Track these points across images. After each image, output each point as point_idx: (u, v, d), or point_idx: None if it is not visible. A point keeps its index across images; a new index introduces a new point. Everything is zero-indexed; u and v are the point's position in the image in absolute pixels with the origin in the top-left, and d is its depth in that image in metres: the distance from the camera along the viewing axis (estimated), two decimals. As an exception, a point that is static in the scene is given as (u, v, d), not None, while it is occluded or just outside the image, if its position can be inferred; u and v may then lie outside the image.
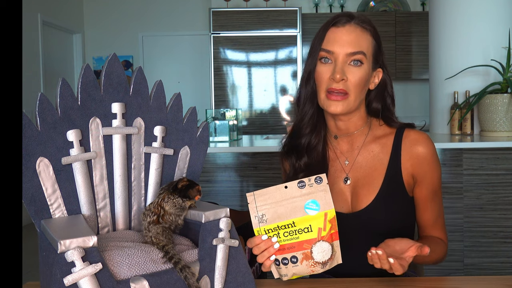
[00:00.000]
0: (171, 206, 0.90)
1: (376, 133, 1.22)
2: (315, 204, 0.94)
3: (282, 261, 0.95)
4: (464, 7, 3.20)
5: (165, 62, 6.65)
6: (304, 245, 0.94)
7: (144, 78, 0.97)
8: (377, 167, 1.19)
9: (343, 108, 1.13)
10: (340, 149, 1.23)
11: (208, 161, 2.80)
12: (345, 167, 1.21)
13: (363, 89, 1.16)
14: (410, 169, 1.17)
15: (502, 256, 2.67)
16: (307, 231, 0.94)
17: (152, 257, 0.85)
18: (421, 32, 5.60)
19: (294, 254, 0.94)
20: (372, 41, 1.16)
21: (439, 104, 3.36)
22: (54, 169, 0.87)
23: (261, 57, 5.61)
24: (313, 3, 5.94)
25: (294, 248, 0.94)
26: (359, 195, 1.18)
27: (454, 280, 1.15)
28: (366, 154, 1.21)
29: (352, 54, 1.12)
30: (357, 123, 1.21)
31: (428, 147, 1.17)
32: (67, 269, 0.75)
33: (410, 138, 1.18)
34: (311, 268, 0.95)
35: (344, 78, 1.11)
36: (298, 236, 0.94)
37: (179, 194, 0.91)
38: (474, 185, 2.65)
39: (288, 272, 0.95)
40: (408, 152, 1.17)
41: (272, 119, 5.63)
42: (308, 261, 0.94)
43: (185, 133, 1.01)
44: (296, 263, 0.94)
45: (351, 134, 1.22)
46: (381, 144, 1.20)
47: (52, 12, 5.87)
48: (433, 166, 1.18)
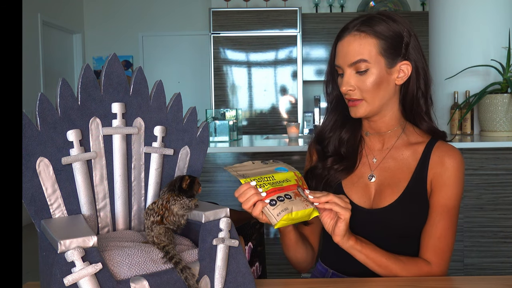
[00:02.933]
0: (180, 208, 0.91)
1: (410, 139, 1.22)
2: (282, 168, 1.04)
3: (278, 199, 0.98)
4: (464, 7, 3.20)
5: (165, 62, 6.65)
6: (291, 188, 1.00)
7: (144, 78, 0.97)
8: (403, 170, 1.19)
9: (362, 112, 1.16)
10: (370, 147, 1.25)
11: (208, 161, 2.80)
12: (373, 164, 1.22)
13: (379, 91, 1.14)
14: (431, 176, 1.17)
15: (502, 256, 2.67)
16: (287, 181, 1.01)
17: (152, 257, 0.85)
18: (421, 32, 5.57)
19: (287, 193, 0.99)
20: (374, 42, 1.13)
21: (439, 104, 3.36)
22: (54, 169, 0.87)
23: (261, 57, 5.61)
24: (313, 3, 5.94)
25: (283, 189, 0.99)
26: (382, 194, 1.18)
27: (454, 280, 1.15)
28: (395, 156, 1.21)
29: (353, 64, 1.13)
30: (389, 123, 1.21)
31: (455, 161, 1.16)
32: (67, 269, 0.75)
33: (441, 149, 1.18)
34: (305, 203, 0.99)
35: (350, 88, 1.14)
36: (282, 185, 1.00)
37: (185, 194, 0.92)
38: (474, 185, 2.65)
39: (287, 206, 0.97)
40: (437, 160, 1.17)
41: (272, 119, 5.63)
42: (300, 197, 0.99)
43: (185, 133, 1.01)
44: (291, 199, 0.98)
45: (383, 134, 1.23)
46: (412, 150, 1.20)
47: (52, 12, 5.87)
48: (453, 181, 1.15)
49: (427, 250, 1.14)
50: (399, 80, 1.17)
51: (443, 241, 1.14)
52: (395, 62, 1.15)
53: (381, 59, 1.14)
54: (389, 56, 1.14)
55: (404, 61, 1.16)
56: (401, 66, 1.16)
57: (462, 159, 1.17)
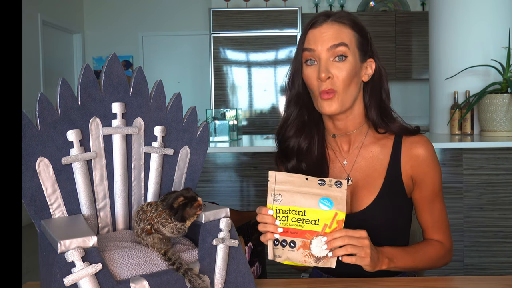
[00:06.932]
0: (169, 231, 0.87)
1: (376, 134, 1.21)
2: (329, 202, 0.97)
3: (281, 243, 0.97)
4: (464, 7, 3.20)
5: (165, 62, 6.65)
6: (306, 235, 0.97)
7: (144, 78, 0.97)
8: (376, 168, 1.18)
9: (337, 107, 1.12)
10: (338, 149, 1.22)
11: (208, 161, 2.80)
12: (345, 167, 1.21)
13: (352, 83, 1.13)
14: (409, 171, 1.17)
15: (502, 256, 2.67)
16: (314, 223, 0.96)
17: (152, 257, 0.85)
18: (421, 32, 5.59)
19: (294, 240, 0.97)
20: (353, 34, 1.13)
21: (439, 104, 3.36)
22: (54, 169, 0.87)
23: (261, 57, 5.61)
24: (313, 3, 5.94)
25: (296, 234, 0.97)
26: (359, 196, 1.17)
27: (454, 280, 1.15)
28: (365, 154, 1.20)
29: (334, 47, 1.10)
30: (356, 121, 1.19)
31: (427, 149, 1.17)
32: (67, 269, 0.75)
33: (410, 140, 1.18)
34: (305, 258, 0.97)
35: (330, 75, 1.10)
36: (304, 225, 0.97)
37: (175, 216, 0.87)
38: (474, 185, 2.65)
39: (283, 254, 0.97)
40: (408, 154, 1.17)
41: (272, 119, 5.63)
42: (305, 250, 0.97)
43: (185, 133, 1.01)
44: (293, 248, 0.97)
45: (350, 133, 1.20)
46: (380, 145, 1.19)
47: (52, 12, 5.87)
48: (432, 168, 1.17)
49: (432, 233, 1.20)
50: (365, 77, 1.17)
51: (442, 220, 1.21)
52: (365, 58, 1.16)
53: (357, 52, 1.14)
54: (362, 50, 1.15)
55: (370, 58, 1.17)
56: (368, 63, 1.17)
57: (431, 143, 1.19)
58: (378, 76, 1.19)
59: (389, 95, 1.21)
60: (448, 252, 1.21)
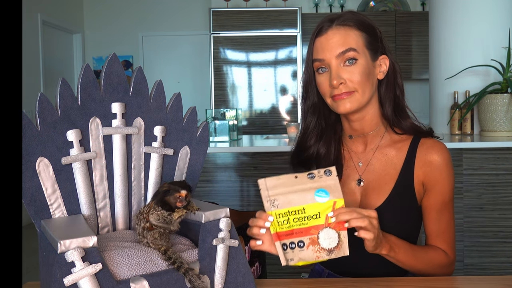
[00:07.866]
0: (155, 219, 0.87)
1: (393, 137, 1.19)
2: (324, 192, 0.96)
3: (290, 246, 0.96)
4: (464, 7, 3.20)
5: (165, 62, 6.65)
6: (312, 231, 0.96)
7: (144, 78, 0.97)
8: (389, 171, 1.17)
9: (352, 105, 1.12)
10: (354, 150, 1.22)
11: (208, 161, 2.80)
12: (359, 168, 1.20)
13: (367, 82, 1.12)
14: (421, 177, 1.15)
15: (502, 256, 2.67)
16: (315, 217, 0.96)
17: (152, 257, 0.85)
18: (421, 32, 5.59)
19: (301, 239, 0.96)
20: (360, 34, 1.12)
21: (439, 104, 3.36)
22: (54, 169, 0.87)
23: (261, 57, 5.61)
24: (313, 3, 5.94)
25: (302, 233, 0.96)
26: (369, 198, 1.17)
27: (454, 280, 1.15)
28: (380, 157, 1.19)
29: (342, 54, 1.10)
30: (372, 122, 1.18)
31: (442, 156, 1.15)
32: (67, 269, 0.75)
33: (426, 145, 1.16)
34: (317, 254, 0.95)
35: (342, 81, 1.10)
36: (307, 222, 0.96)
37: (161, 204, 0.87)
38: (474, 185, 2.65)
39: (294, 256, 0.96)
40: (422, 159, 1.15)
41: (272, 119, 5.63)
42: (314, 246, 0.95)
43: (185, 133, 1.01)
44: (303, 247, 0.95)
45: (366, 135, 1.19)
46: (396, 148, 1.18)
47: (52, 12, 5.87)
48: (444, 176, 1.15)
49: (436, 243, 1.17)
50: (380, 75, 1.16)
51: (449, 231, 1.18)
52: (376, 56, 1.15)
53: (366, 52, 1.13)
54: (372, 49, 1.14)
55: (382, 55, 1.16)
56: (381, 60, 1.16)
57: (448, 151, 1.17)
58: (392, 72, 1.18)
59: (403, 90, 1.19)
60: (451, 263, 1.18)
